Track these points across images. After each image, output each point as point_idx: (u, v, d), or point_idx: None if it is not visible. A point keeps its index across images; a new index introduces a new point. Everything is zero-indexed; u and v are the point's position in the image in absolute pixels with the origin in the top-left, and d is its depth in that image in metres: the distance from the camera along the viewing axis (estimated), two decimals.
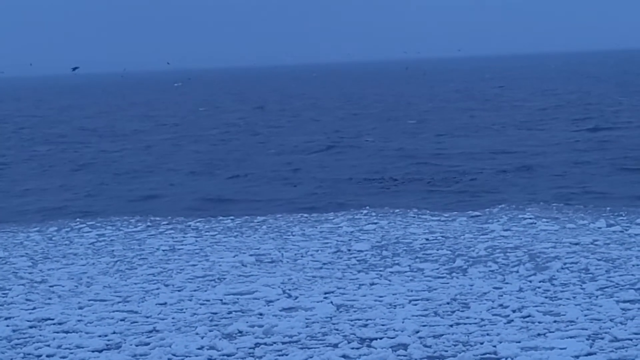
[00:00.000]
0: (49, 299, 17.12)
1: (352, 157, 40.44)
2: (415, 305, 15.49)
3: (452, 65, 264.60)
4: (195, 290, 17.19)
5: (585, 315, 14.46)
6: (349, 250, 20.39)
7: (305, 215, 25.41)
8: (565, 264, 17.81)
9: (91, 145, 52.25)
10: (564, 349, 12.85)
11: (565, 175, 31.46)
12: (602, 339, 13.32)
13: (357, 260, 19.41)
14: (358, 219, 24.36)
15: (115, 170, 39.69)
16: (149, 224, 25.16)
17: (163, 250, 21.32)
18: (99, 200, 31.20)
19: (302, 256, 20.03)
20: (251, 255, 20.24)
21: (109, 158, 44.81)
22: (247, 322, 14.87)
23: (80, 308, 16.27)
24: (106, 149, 49.45)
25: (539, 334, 13.63)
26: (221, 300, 16.43)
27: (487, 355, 12.87)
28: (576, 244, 19.82)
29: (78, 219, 26.25)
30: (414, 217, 24.41)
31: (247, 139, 52.17)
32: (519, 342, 13.27)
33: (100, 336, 14.55)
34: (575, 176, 31.25)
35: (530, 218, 23.30)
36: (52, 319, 15.58)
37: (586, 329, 13.73)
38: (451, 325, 14.28)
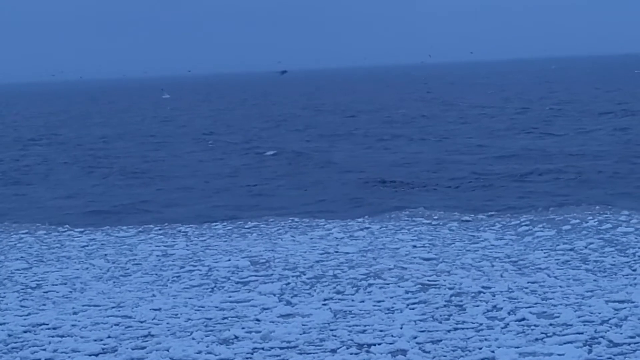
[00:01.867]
0: (44, 305, 16.90)
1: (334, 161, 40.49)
2: (413, 309, 15.35)
3: (457, 71, 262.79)
4: (190, 298, 16.99)
5: (579, 317, 14.33)
6: (336, 252, 20.35)
7: (296, 220, 25.26)
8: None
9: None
10: (562, 355, 12.73)
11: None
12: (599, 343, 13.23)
13: (345, 260, 19.34)
14: (350, 224, 24.24)
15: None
16: (140, 229, 24.94)
17: (156, 256, 21.11)
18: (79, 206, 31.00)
19: (292, 256, 19.91)
20: (243, 257, 20.09)
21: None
22: (243, 328, 14.69)
23: (75, 313, 16.06)
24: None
25: (536, 339, 13.49)
26: (217, 307, 16.26)
27: None
28: (571, 249, 19.84)
29: (67, 225, 26.09)
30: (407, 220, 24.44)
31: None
32: (518, 347, 13.13)
33: (95, 340, 14.36)
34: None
35: (525, 224, 23.31)
36: (47, 324, 15.37)
37: (582, 333, 13.63)
38: (449, 331, 14.13)
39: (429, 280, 17.15)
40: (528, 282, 16.75)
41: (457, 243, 21.26)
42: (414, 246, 20.95)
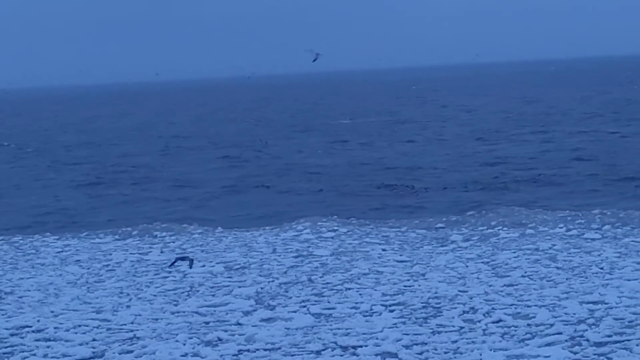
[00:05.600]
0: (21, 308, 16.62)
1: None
2: (392, 312, 15.30)
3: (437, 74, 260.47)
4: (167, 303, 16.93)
5: (555, 317, 14.30)
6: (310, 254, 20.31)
7: (268, 224, 25.21)
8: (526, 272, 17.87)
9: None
10: (548, 357, 12.65)
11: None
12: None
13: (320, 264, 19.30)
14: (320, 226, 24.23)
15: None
16: (117, 236, 24.68)
17: (130, 262, 21.02)
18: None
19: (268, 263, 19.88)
20: (218, 263, 20.03)
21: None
22: (226, 331, 14.57)
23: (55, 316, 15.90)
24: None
25: (523, 340, 13.45)
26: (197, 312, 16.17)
27: None
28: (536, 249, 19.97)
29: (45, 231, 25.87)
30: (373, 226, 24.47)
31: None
32: (506, 349, 13.03)
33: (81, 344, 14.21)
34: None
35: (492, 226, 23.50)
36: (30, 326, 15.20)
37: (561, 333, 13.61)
38: (432, 333, 14.03)
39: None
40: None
41: (426, 246, 21.30)
42: (384, 249, 20.99)
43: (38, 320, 15.50)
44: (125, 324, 15.22)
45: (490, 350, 13.04)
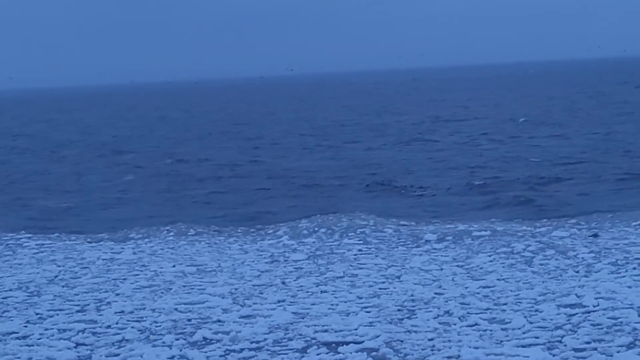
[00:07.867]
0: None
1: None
2: (368, 312, 15.36)
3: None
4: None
5: (531, 323, 14.28)
6: (286, 260, 20.27)
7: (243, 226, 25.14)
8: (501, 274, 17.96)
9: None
10: (527, 357, 12.73)
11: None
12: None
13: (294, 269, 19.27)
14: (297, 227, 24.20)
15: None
16: (88, 238, 24.51)
17: (103, 260, 20.89)
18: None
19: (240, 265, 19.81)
20: (189, 265, 19.99)
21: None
22: (211, 330, 14.60)
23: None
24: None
25: (500, 340, 13.53)
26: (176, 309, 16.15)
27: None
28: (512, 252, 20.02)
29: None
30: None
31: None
32: (484, 347, 13.13)
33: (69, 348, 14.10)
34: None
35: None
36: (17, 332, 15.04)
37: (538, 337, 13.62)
38: (409, 332, 14.15)
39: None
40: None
41: (401, 247, 21.40)
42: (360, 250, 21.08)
43: (25, 326, 15.36)
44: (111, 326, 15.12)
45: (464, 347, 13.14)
